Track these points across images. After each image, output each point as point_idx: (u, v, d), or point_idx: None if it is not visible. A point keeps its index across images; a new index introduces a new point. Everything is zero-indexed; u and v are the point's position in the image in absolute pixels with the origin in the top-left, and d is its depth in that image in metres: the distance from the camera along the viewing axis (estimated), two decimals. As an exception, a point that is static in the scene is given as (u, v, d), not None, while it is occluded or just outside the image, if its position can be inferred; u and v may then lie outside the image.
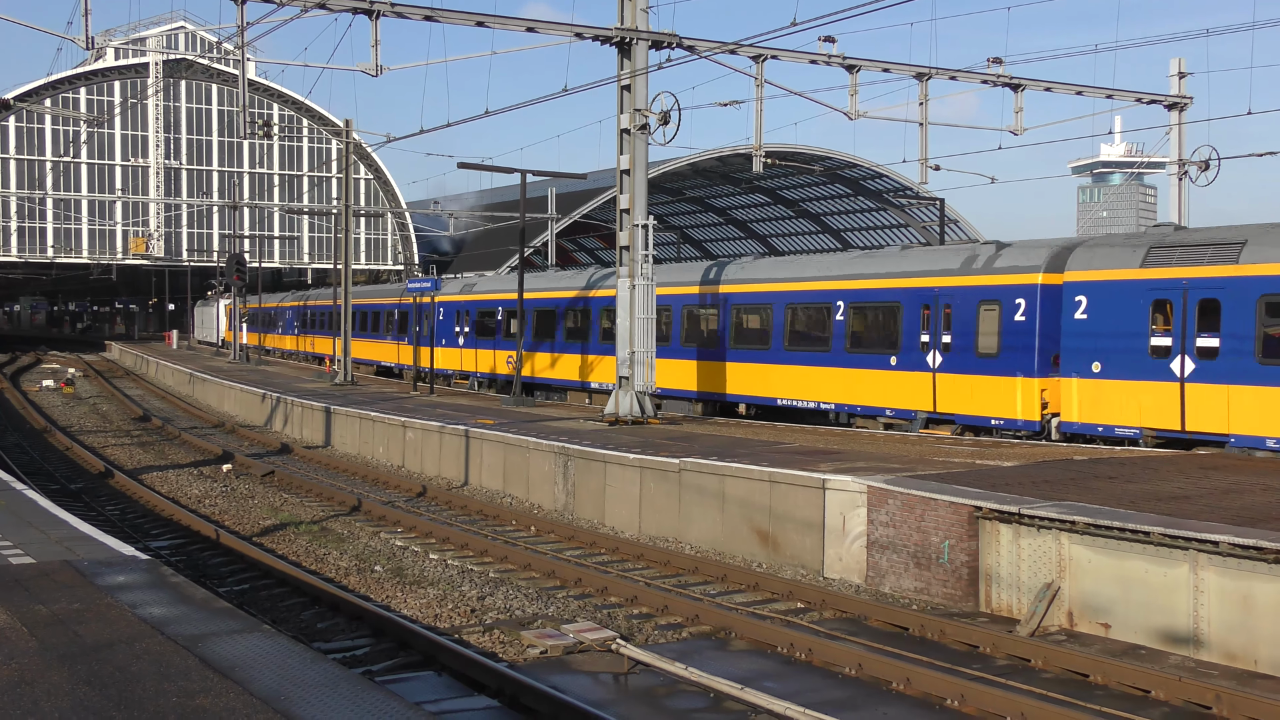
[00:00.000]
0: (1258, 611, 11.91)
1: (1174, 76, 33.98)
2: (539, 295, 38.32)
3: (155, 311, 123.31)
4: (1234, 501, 14.58)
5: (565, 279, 39.16)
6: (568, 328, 36.73)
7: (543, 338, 37.98)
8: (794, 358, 27.88)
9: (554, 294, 37.83)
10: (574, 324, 36.41)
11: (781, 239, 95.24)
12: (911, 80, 30.30)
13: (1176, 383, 20.57)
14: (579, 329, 36.08)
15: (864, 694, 11.33)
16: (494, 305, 41.76)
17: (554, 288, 38.27)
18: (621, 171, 26.53)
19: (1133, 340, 21.24)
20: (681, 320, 31.60)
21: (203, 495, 23.92)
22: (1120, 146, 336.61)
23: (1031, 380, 22.82)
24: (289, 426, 36.12)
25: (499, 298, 41.50)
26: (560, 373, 36.95)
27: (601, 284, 35.28)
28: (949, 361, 24.25)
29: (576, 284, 37.16)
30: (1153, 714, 10.55)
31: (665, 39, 26.25)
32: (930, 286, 24.76)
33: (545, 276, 41.19)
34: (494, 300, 41.83)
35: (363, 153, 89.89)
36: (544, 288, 38.62)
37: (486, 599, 15.00)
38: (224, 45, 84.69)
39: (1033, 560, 13.98)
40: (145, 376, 65.19)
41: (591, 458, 21.51)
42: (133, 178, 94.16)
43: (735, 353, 29.48)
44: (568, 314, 36.78)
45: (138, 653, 8.29)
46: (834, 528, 16.60)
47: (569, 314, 36.72)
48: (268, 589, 15.56)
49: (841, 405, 26.95)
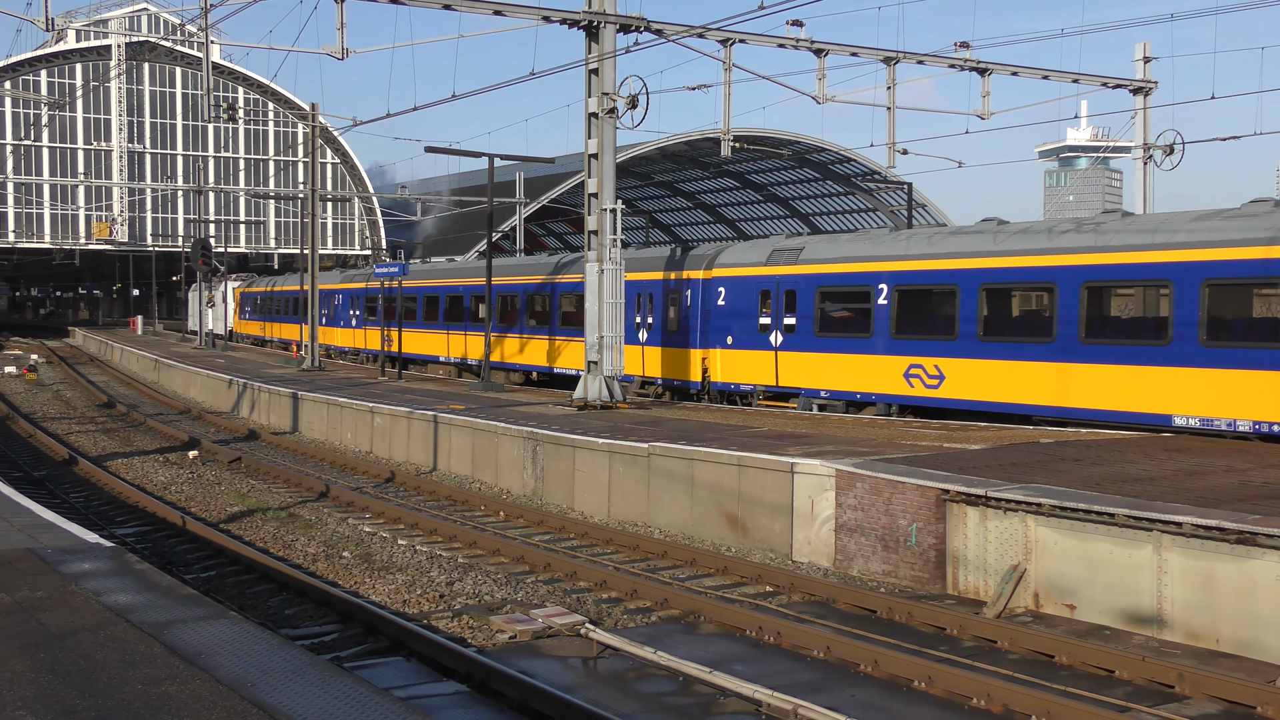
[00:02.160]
0: (1219, 591, 12.04)
1: (1139, 61, 34.19)
2: (508, 281, 38.23)
3: (120, 297, 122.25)
4: (1197, 483, 14.73)
5: (533, 265, 39.09)
6: (535, 312, 36.73)
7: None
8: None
9: (519, 279, 37.74)
10: (541, 309, 36.38)
11: (750, 223, 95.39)
12: (879, 64, 30.35)
13: (773, 351, 26.99)
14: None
15: (832, 676, 11.38)
16: (462, 290, 41.73)
17: (521, 273, 38.18)
18: (589, 156, 26.46)
19: (751, 320, 27.62)
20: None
21: (168, 482, 23.75)
22: (1086, 131, 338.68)
23: (698, 350, 29.35)
24: (256, 412, 35.91)
25: (468, 283, 41.39)
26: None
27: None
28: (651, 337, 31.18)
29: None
30: (1117, 693, 10.65)
31: (633, 22, 26.17)
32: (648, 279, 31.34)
33: (513, 262, 41.14)
34: (464, 286, 41.75)
35: (329, 137, 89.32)
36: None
37: (455, 584, 14.97)
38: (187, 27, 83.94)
39: (999, 542, 14.08)
40: (109, 362, 64.63)
41: (560, 443, 21.49)
42: (96, 161, 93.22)
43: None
44: (534, 299, 36.76)
45: (102, 641, 8.22)
46: (802, 511, 16.66)
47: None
48: (235, 576, 15.47)
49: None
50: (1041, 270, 21.69)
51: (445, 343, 42.53)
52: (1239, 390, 18.69)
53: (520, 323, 37.52)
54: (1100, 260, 20.75)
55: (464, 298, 41.61)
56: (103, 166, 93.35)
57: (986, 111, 31.71)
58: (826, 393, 25.84)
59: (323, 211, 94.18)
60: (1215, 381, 18.96)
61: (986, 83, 31.58)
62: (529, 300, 37.16)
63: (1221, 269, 19.02)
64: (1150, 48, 34.33)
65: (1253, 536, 11.74)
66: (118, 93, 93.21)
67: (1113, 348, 20.55)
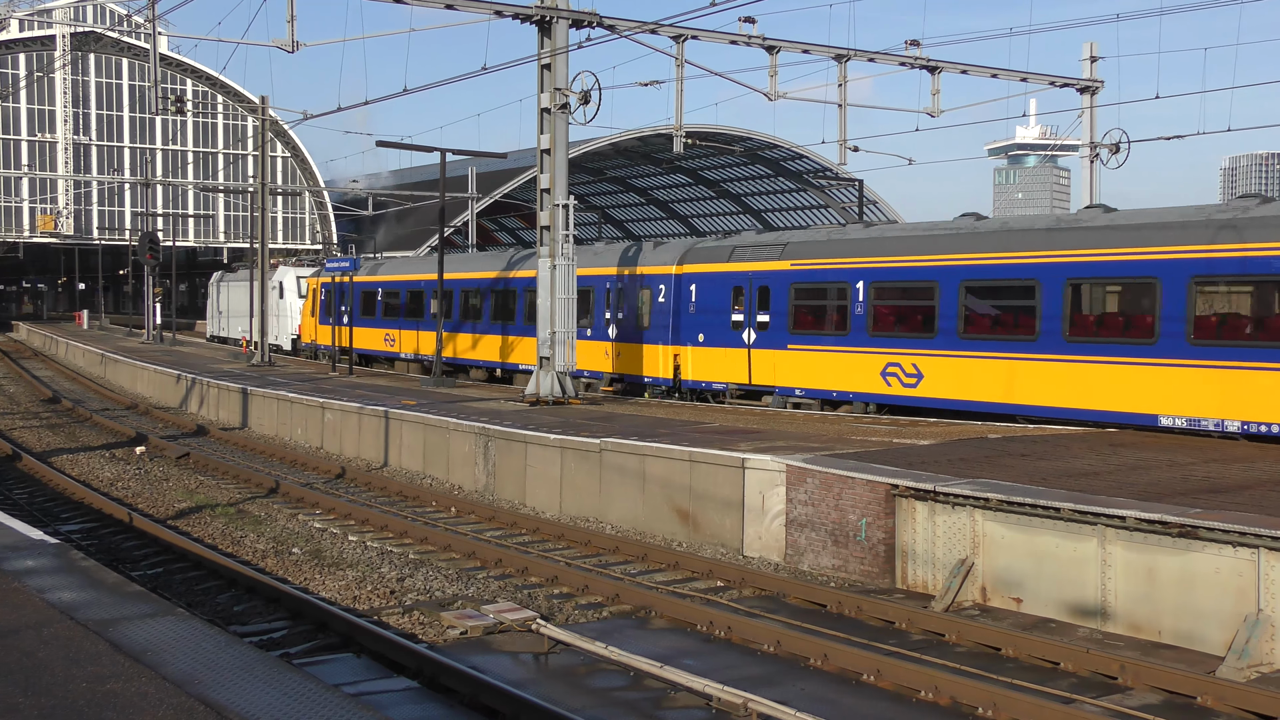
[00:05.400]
0: (1161, 584, 12.24)
1: (1086, 60, 34.60)
2: (470, 276, 38.08)
3: (65, 291, 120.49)
4: (1141, 478, 14.95)
5: (488, 260, 38.92)
6: (492, 308, 36.53)
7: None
8: None
9: (482, 274, 37.58)
10: (499, 305, 36.17)
11: (703, 219, 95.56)
12: (831, 62, 30.51)
13: (746, 349, 26.67)
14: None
15: (782, 670, 11.46)
16: (418, 286, 41.22)
17: (484, 268, 38.00)
18: (542, 151, 26.41)
19: (723, 317, 27.30)
20: None
21: (115, 478, 23.47)
22: (1035, 129, 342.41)
23: (669, 347, 28.92)
24: (205, 408, 35.55)
25: (420, 278, 41.05)
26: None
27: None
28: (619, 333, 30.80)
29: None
30: (1061, 685, 10.80)
31: (586, 18, 26.14)
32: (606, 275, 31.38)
33: (468, 258, 40.83)
34: (416, 281, 41.36)
35: (279, 130, 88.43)
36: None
37: (406, 580, 14.92)
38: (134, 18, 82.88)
39: (948, 537, 14.23)
40: (55, 357, 63.73)
41: (512, 438, 21.46)
42: (40, 153, 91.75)
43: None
44: (491, 295, 36.60)
45: (45, 638, 8.12)
46: (753, 506, 16.74)
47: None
48: (182, 572, 15.32)
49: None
50: (1024, 267, 21.52)
51: (413, 339, 41.48)
52: (1228, 389, 18.53)
53: (485, 319, 36.94)
54: (1084, 257, 20.61)
55: (424, 294, 40.56)
56: (47, 158, 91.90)
57: (936, 109, 31.96)
58: (801, 391, 25.50)
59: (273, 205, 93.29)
60: (1202, 380, 18.80)
61: (936, 80, 31.84)
62: (494, 296, 36.49)
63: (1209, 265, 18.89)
64: (1097, 47, 34.77)
65: (1194, 530, 11.95)
66: (63, 84, 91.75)
67: (1097, 344, 20.36)
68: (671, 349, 28.84)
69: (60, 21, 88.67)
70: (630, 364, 30.34)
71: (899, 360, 23.29)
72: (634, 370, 30.22)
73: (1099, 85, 34.37)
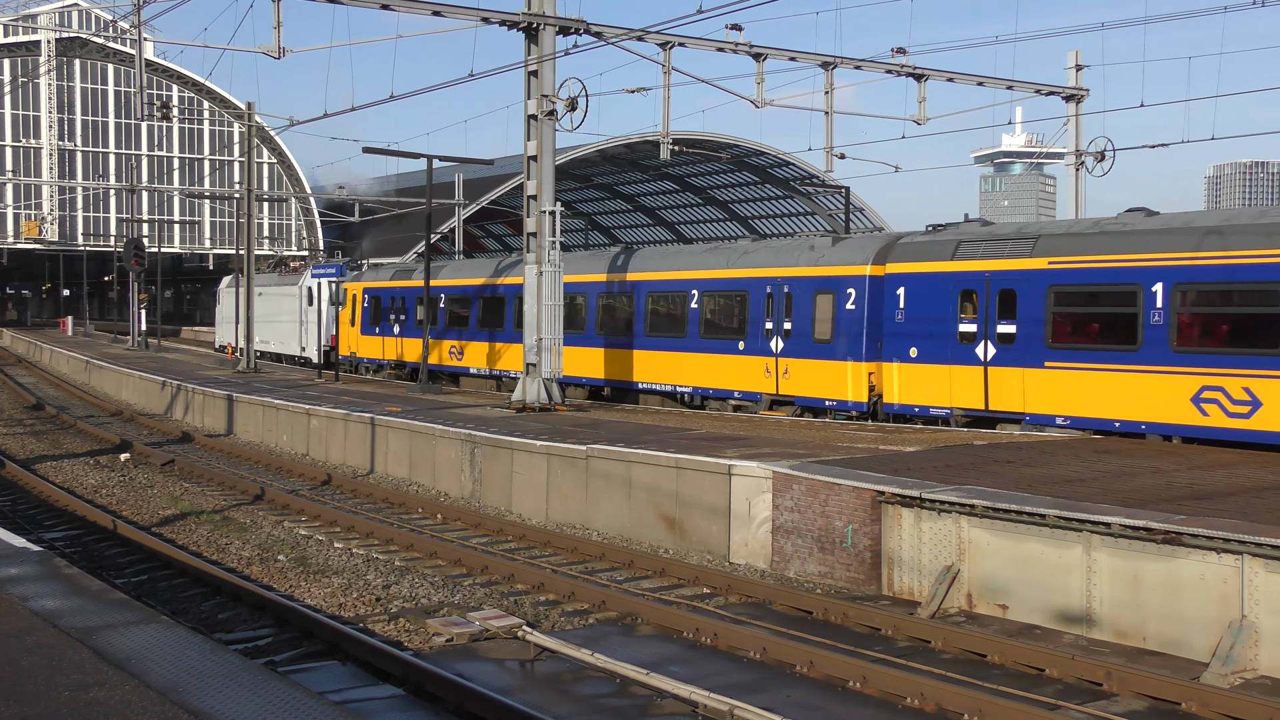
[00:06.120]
0: (1146, 590, 12.28)
1: (1071, 69, 34.76)
2: (450, 283, 37.94)
3: (49, 297, 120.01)
4: (1125, 484, 15.00)
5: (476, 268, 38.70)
6: (478, 317, 36.32)
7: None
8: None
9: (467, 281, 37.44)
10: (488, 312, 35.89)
11: (689, 226, 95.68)
12: (817, 69, 30.58)
13: (981, 366, 22.18)
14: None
15: (768, 677, 11.46)
16: (498, 291, 37.58)
17: (467, 276, 37.84)
18: (529, 157, 26.41)
19: (945, 327, 22.75)
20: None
21: (99, 485, 23.37)
22: (1021, 137, 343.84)
23: (859, 364, 24.39)
24: (190, 414, 35.43)
25: (502, 282, 37.51)
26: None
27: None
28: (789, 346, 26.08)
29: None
30: (1047, 691, 10.82)
31: (572, 24, 26.17)
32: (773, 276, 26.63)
33: (458, 265, 40.34)
34: (494, 285, 38.16)
35: (266, 136, 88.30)
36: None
37: (392, 587, 14.88)
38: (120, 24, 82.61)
39: (933, 543, 14.25)
40: (39, 364, 63.46)
41: (498, 445, 21.43)
42: (24, 159, 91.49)
43: None
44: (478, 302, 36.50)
45: (28, 646, 8.08)
46: (740, 513, 16.74)
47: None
48: (167, 580, 15.26)
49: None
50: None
51: (483, 352, 37.96)
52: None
53: (507, 326, 34.49)
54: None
55: (505, 300, 35.74)
56: (32, 164, 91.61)
57: (923, 117, 32.06)
58: (1064, 419, 20.78)
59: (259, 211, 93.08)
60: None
61: (923, 88, 31.94)
62: (498, 303, 34.54)
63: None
64: (1082, 55, 34.92)
65: (1178, 536, 11.99)
66: (47, 89, 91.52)
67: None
68: (864, 365, 24.18)
69: (45, 27, 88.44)
70: (802, 383, 25.46)
71: (1221, 383, 18.68)
72: (806, 391, 25.42)
73: (1084, 93, 34.53)
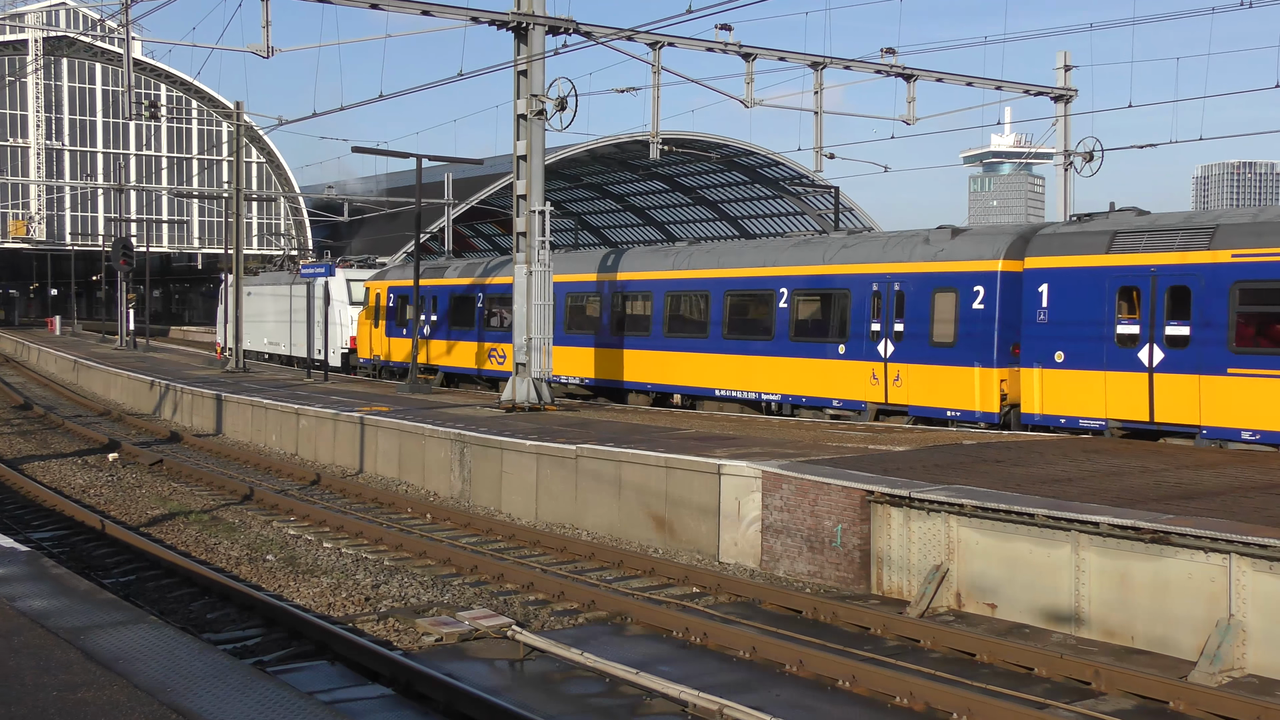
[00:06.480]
0: (1134, 589, 12.32)
1: (1060, 69, 34.82)
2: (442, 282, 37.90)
3: (37, 297, 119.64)
4: (1114, 484, 15.04)
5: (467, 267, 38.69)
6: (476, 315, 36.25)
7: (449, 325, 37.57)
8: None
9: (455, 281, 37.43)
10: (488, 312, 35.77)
11: (679, 225, 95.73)
12: (807, 69, 30.60)
13: (1146, 373, 19.74)
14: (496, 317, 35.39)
15: (758, 676, 11.46)
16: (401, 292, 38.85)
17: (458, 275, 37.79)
18: (518, 157, 26.39)
19: (1099, 329, 20.30)
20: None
21: (87, 485, 23.30)
22: (1010, 137, 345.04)
23: (989, 370, 22.09)
24: (178, 414, 35.34)
25: (440, 283, 37.89)
26: (456, 360, 36.75)
27: (497, 272, 35.02)
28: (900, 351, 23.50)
29: (472, 273, 36.92)
30: (1035, 690, 10.84)
31: (562, 24, 26.16)
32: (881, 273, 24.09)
33: (500, 261, 39.72)
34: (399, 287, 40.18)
35: (254, 135, 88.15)
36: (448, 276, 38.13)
37: (381, 587, 14.86)
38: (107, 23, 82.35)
39: (923, 543, 14.27)
40: (26, 363, 63.26)
41: (488, 445, 21.41)
42: (12, 158, 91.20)
43: None
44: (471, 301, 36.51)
45: (16, 647, 8.05)
46: (729, 513, 16.75)
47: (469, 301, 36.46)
48: (155, 580, 15.22)
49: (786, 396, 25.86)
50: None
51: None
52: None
53: (557, 328, 32.23)
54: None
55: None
56: (19, 163, 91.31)
57: (912, 117, 32.09)
58: (1253, 434, 18.34)
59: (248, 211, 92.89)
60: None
61: (912, 88, 31.98)
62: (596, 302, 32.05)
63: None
64: (1070, 56, 34.98)
65: (1166, 536, 12.03)
66: (35, 88, 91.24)
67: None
68: (994, 372, 22.01)
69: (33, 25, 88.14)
70: (917, 392, 23.18)
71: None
72: (922, 399, 23.12)
73: (1073, 94, 34.61)
